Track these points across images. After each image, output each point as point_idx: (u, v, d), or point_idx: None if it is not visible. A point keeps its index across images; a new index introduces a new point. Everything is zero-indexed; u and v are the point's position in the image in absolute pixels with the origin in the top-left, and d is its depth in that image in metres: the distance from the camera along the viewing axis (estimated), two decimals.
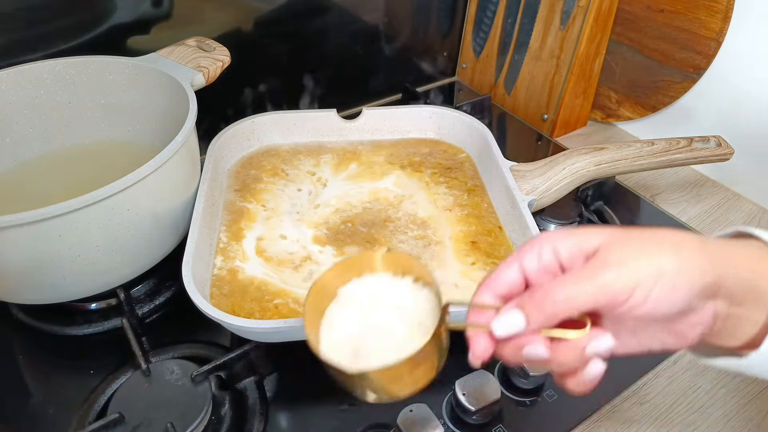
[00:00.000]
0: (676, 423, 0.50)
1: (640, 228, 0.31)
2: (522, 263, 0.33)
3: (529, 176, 0.63)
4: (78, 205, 0.43)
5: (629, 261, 0.30)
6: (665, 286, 0.29)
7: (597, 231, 0.32)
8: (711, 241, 0.31)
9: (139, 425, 0.42)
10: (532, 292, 0.32)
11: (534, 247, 0.33)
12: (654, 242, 0.30)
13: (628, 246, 0.30)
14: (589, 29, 0.75)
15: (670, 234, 0.31)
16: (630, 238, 0.31)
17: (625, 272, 0.29)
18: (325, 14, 0.77)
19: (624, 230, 0.32)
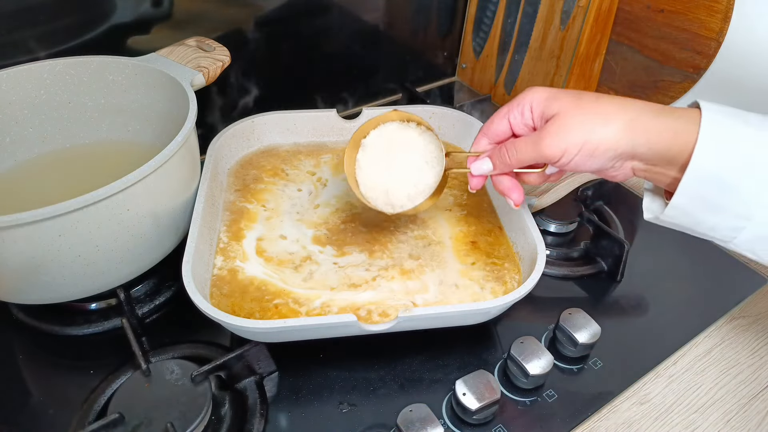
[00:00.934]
0: (676, 423, 0.50)
1: (594, 96, 0.42)
2: (509, 117, 0.46)
3: None
4: (78, 205, 0.43)
5: (563, 133, 0.41)
6: (584, 154, 0.41)
7: (561, 99, 0.42)
8: (644, 115, 0.40)
9: (139, 425, 0.42)
10: (498, 149, 0.46)
11: (519, 105, 0.45)
12: (591, 115, 0.41)
13: (572, 117, 0.41)
14: (589, 29, 0.75)
15: (610, 106, 0.40)
16: (577, 111, 0.41)
17: (556, 141, 0.41)
18: (325, 14, 0.77)
19: (578, 100, 0.42)
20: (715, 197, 0.39)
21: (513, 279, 0.55)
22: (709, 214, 0.40)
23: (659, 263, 0.64)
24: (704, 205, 0.39)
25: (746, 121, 0.38)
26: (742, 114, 0.39)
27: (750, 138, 0.37)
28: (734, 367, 0.54)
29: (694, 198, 0.39)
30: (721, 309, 0.59)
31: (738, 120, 0.38)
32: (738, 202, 0.38)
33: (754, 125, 0.38)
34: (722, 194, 0.38)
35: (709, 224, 0.40)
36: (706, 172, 0.38)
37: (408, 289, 0.54)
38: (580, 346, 0.51)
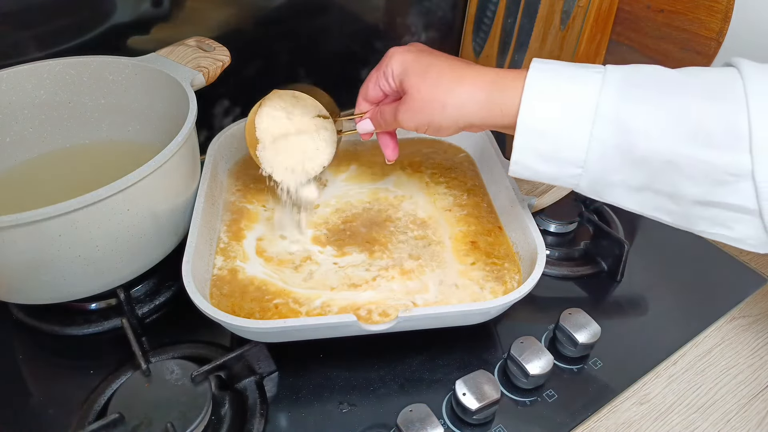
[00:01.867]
0: (676, 423, 0.50)
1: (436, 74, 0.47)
2: (379, 84, 0.52)
3: None
4: (78, 205, 0.43)
5: (412, 113, 0.48)
6: (432, 131, 0.48)
7: (411, 78, 0.48)
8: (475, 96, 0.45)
9: (139, 425, 0.42)
10: (374, 112, 0.53)
11: (384, 73, 0.50)
12: (430, 102, 0.46)
13: (417, 101, 0.47)
14: (589, 29, 0.75)
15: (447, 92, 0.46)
16: (419, 96, 0.47)
17: (408, 118, 0.48)
18: (325, 14, 0.77)
19: (421, 82, 0.47)
20: (545, 149, 0.43)
21: (513, 279, 0.55)
22: (546, 165, 0.43)
23: (659, 263, 0.64)
24: (539, 158, 0.43)
25: (565, 72, 0.42)
26: (566, 67, 0.43)
27: (569, 87, 0.41)
28: (734, 367, 0.54)
29: (529, 153, 0.43)
30: (721, 309, 0.59)
31: (557, 74, 0.42)
32: (567, 151, 0.42)
33: (572, 75, 0.42)
34: (551, 145, 0.42)
35: (550, 174, 0.44)
36: (531, 127, 0.42)
37: (408, 289, 0.54)
38: (580, 346, 0.51)
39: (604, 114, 0.40)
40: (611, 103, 0.40)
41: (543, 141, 0.42)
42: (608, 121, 0.40)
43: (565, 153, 0.42)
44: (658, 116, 0.39)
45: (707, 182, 0.39)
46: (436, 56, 0.49)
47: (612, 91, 0.40)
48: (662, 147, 0.39)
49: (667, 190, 0.41)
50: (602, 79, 0.41)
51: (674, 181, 0.40)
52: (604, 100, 0.40)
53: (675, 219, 0.43)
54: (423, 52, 0.49)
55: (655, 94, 0.40)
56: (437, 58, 0.48)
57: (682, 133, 0.39)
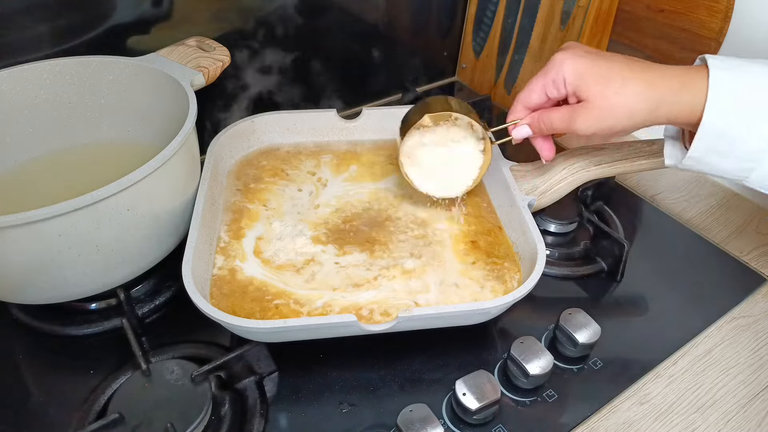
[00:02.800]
0: (676, 423, 0.50)
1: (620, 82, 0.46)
2: (546, 90, 0.51)
3: (528, 176, 0.63)
4: (78, 205, 0.43)
5: (593, 120, 0.47)
6: (609, 135, 0.49)
7: (590, 86, 0.47)
8: (664, 99, 0.45)
9: (139, 425, 0.42)
10: (536, 117, 0.53)
11: (555, 80, 0.49)
12: (618, 109, 0.46)
13: (599, 109, 0.47)
14: (589, 29, 0.75)
15: (633, 97, 0.45)
16: (605, 104, 0.46)
17: (586, 125, 0.48)
18: (325, 14, 0.77)
19: (605, 89, 0.46)
20: (725, 148, 0.44)
21: (513, 278, 0.55)
22: (722, 160, 0.45)
23: (659, 263, 0.64)
24: (716, 155, 0.45)
25: (749, 73, 0.43)
26: (745, 65, 0.44)
27: (752, 90, 0.43)
28: (734, 367, 0.54)
29: (707, 150, 0.45)
30: (721, 309, 0.59)
31: (741, 74, 0.43)
32: (746, 149, 0.44)
33: (756, 74, 0.43)
34: (731, 144, 0.44)
35: (723, 168, 0.46)
36: (715, 128, 0.43)
37: (409, 289, 0.54)
38: (580, 346, 0.51)
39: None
40: None
41: (724, 140, 0.44)
42: None
43: (745, 150, 0.44)
44: None
45: None
46: (611, 58, 0.48)
47: None
48: None
49: None
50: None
51: None
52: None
53: None
54: (594, 54, 0.49)
55: None
56: (612, 62, 0.47)
57: None
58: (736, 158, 0.45)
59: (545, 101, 0.52)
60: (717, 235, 0.68)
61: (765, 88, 0.43)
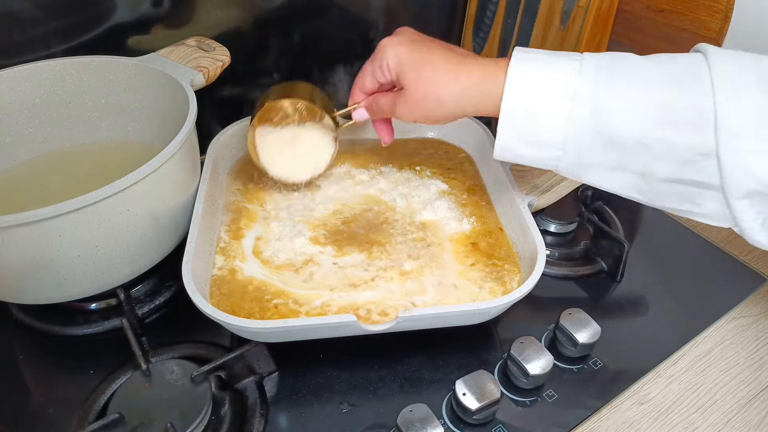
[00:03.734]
0: (676, 423, 0.50)
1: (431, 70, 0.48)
2: (375, 76, 0.53)
3: (529, 176, 0.63)
4: (78, 205, 0.43)
5: (409, 107, 0.50)
6: (429, 122, 0.51)
7: (407, 75, 0.49)
8: (470, 90, 0.47)
9: (139, 425, 0.42)
10: (369, 101, 0.55)
11: (380, 66, 0.51)
12: (429, 101, 0.48)
13: (413, 99, 0.49)
14: (589, 29, 0.75)
15: (443, 88, 0.47)
16: (418, 95, 0.49)
17: (405, 112, 0.51)
18: (325, 14, 0.77)
19: (417, 78, 0.48)
20: (527, 134, 0.45)
21: (513, 279, 0.55)
22: (529, 148, 0.46)
23: (659, 263, 0.64)
24: (522, 142, 0.46)
25: (545, 59, 0.45)
26: (546, 55, 0.45)
27: (549, 74, 0.44)
28: (734, 367, 0.54)
29: (513, 138, 0.46)
30: (721, 309, 0.59)
31: (538, 62, 0.45)
32: (547, 135, 0.44)
33: (551, 62, 0.44)
34: (532, 131, 0.45)
35: (532, 157, 0.47)
36: (514, 112, 0.45)
37: (407, 290, 0.54)
38: (580, 346, 0.51)
39: (582, 97, 0.43)
40: (588, 87, 0.43)
41: (524, 125, 0.45)
42: (585, 104, 0.43)
43: (545, 136, 0.45)
44: (629, 99, 0.42)
45: (675, 161, 0.42)
46: (428, 48, 0.49)
47: (589, 76, 0.43)
48: (634, 129, 0.42)
49: (639, 169, 0.43)
50: (579, 66, 0.43)
51: (645, 161, 0.43)
52: (581, 85, 0.43)
53: (647, 197, 0.46)
54: (415, 43, 0.50)
55: (627, 79, 0.43)
56: (431, 52, 0.49)
57: (651, 116, 0.41)
58: (541, 146, 0.45)
59: (378, 86, 0.54)
60: (717, 235, 0.68)
61: (559, 71, 0.43)
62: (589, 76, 0.43)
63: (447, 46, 0.50)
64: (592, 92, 0.43)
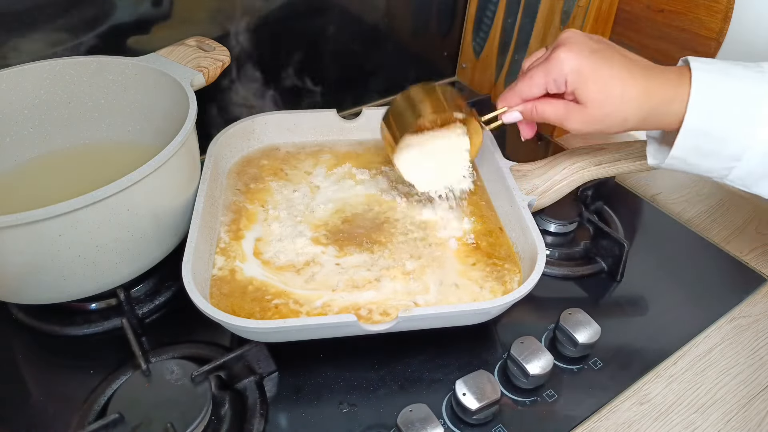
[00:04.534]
0: (676, 423, 0.50)
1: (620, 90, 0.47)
2: (545, 87, 0.51)
3: (529, 176, 0.63)
4: (78, 205, 0.43)
5: (588, 123, 0.49)
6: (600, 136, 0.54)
7: (590, 90, 0.47)
8: (654, 110, 0.46)
9: (139, 425, 0.42)
10: (528, 107, 0.53)
11: (556, 78, 0.49)
12: (613, 117, 0.47)
13: (596, 117, 0.48)
14: (589, 29, 0.75)
15: (629, 107, 0.46)
16: (601, 112, 0.48)
17: (580, 127, 0.50)
18: (325, 14, 0.77)
19: (605, 98, 0.47)
20: (707, 147, 0.45)
21: (513, 279, 0.55)
22: (704, 160, 0.46)
23: (659, 263, 0.64)
24: (698, 154, 0.46)
25: (729, 74, 0.44)
26: (727, 68, 0.45)
27: (732, 91, 0.44)
28: (734, 367, 0.54)
29: (689, 150, 0.46)
30: (721, 309, 0.59)
31: (723, 76, 0.44)
32: (727, 148, 0.45)
33: (736, 76, 0.44)
34: (713, 144, 0.45)
35: (705, 167, 0.47)
36: (697, 129, 0.45)
37: (409, 290, 0.54)
38: (580, 346, 0.51)
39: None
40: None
41: (709, 138, 0.45)
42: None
43: (728, 148, 0.45)
44: None
45: None
46: (610, 62, 0.47)
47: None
48: None
49: None
50: (762, 78, 0.44)
51: None
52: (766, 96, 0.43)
53: None
54: (596, 54, 0.48)
55: None
56: (613, 66, 0.47)
57: None
58: (717, 157, 0.46)
59: (542, 95, 0.53)
60: (717, 235, 0.68)
61: (743, 88, 0.44)
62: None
63: (626, 54, 0.49)
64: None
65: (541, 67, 0.50)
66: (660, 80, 0.46)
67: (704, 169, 0.47)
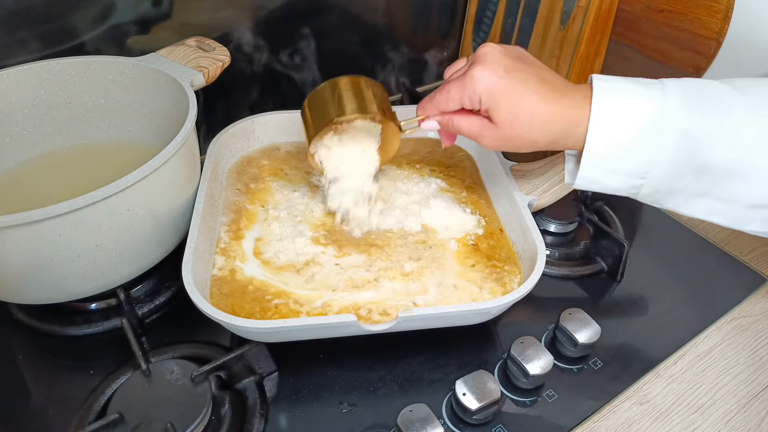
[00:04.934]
0: (676, 423, 0.50)
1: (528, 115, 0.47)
2: (461, 103, 0.50)
3: (529, 176, 0.63)
4: (78, 205, 0.43)
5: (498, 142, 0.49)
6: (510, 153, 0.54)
7: (501, 112, 0.47)
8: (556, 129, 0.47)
9: (139, 425, 0.42)
10: (445, 117, 0.52)
11: (471, 96, 0.48)
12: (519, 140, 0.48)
13: (506, 137, 0.48)
14: (589, 29, 0.75)
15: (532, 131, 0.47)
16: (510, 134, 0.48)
17: (492, 144, 0.50)
18: (325, 14, 0.77)
19: (514, 119, 0.47)
20: (610, 166, 0.46)
21: (513, 280, 0.55)
22: (610, 178, 0.47)
23: (659, 263, 0.64)
24: (604, 173, 0.47)
25: (625, 92, 0.45)
26: (625, 86, 0.45)
27: (630, 109, 0.44)
28: (734, 367, 0.54)
29: (595, 169, 0.47)
30: (721, 309, 0.59)
31: (619, 94, 0.45)
32: (630, 166, 0.45)
33: (632, 93, 0.45)
34: (615, 163, 0.46)
35: (613, 186, 0.48)
36: (599, 149, 0.46)
37: (409, 290, 0.54)
38: (580, 346, 0.51)
39: (670, 126, 0.43)
40: (675, 115, 0.43)
41: (610, 157, 0.45)
42: (674, 132, 0.43)
43: (631, 166, 0.45)
44: (720, 127, 0.42)
45: (764, 187, 0.43)
46: (524, 84, 0.47)
47: (675, 105, 0.43)
48: (724, 156, 0.43)
49: (726, 196, 0.45)
50: (663, 94, 0.44)
51: (733, 188, 0.44)
52: (669, 114, 0.43)
53: (729, 221, 0.47)
54: (510, 73, 0.47)
55: (715, 106, 0.43)
56: (526, 88, 0.47)
57: (742, 144, 0.42)
58: (622, 175, 0.46)
59: (459, 109, 0.52)
60: (717, 235, 0.68)
61: (639, 106, 0.44)
62: (676, 103, 0.43)
63: (541, 74, 0.48)
64: (679, 120, 0.43)
65: (457, 82, 0.49)
66: (567, 102, 0.46)
67: (613, 187, 0.48)
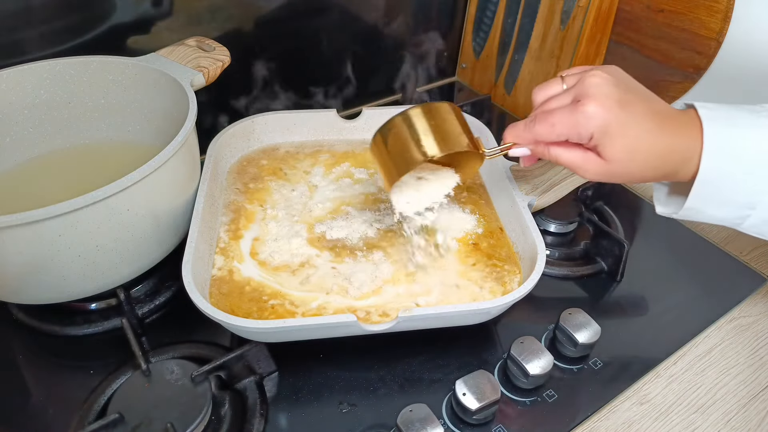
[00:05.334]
0: (676, 423, 0.50)
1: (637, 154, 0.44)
2: (567, 137, 0.46)
3: (529, 176, 0.63)
4: (78, 205, 0.43)
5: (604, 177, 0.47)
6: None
7: (617, 147, 0.44)
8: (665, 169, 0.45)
9: (139, 425, 0.42)
10: (541, 147, 0.49)
11: (581, 132, 0.45)
12: (628, 176, 0.46)
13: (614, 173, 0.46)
14: (589, 29, 0.75)
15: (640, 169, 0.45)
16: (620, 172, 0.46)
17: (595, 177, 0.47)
18: (325, 14, 0.77)
19: (629, 162, 0.45)
20: (721, 198, 0.45)
21: (513, 280, 0.55)
22: (718, 210, 0.46)
23: (659, 263, 0.64)
24: (713, 204, 0.45)
25: (737, 123, 0.44)
26: (733, 115, 0.44)
27: (743, 140, 0.43)
28: (734, 367, 0.54)
29: (704, 200, 0.45)
30: (721, 309, 0.59)
31: (731, 125, 0.44)
32: (741, 197, 0.44)
33: (743, 125, 0.44)
34: (727, 193, 0.45)
35: (719, 217, 0.47)
36: (712, 179, 0.44)
37: (410, 292, 0.54)
38: (580, 346, 0.51)
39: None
40: None
41: (722, 189, 0.44)
42: None
43: (742, 197, 0.45)
44: None
45: None
46: (639, 119, 0.44)
47: None
48: None
49: None
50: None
51: None
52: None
53: None
54: (625, 110, 0.44)
55: None
56: (643, 129, 0.44)
57: None
58: (731, 207, 0.45)
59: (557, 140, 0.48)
60: (717, 235, 0.68)
61: (752, 137, 0.43)
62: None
63: (652, 108, 0.45)
64: None
65: (565, 117, 0.45)
66: (679, 137, 0.44)
67: (719, 218, 0.47)
